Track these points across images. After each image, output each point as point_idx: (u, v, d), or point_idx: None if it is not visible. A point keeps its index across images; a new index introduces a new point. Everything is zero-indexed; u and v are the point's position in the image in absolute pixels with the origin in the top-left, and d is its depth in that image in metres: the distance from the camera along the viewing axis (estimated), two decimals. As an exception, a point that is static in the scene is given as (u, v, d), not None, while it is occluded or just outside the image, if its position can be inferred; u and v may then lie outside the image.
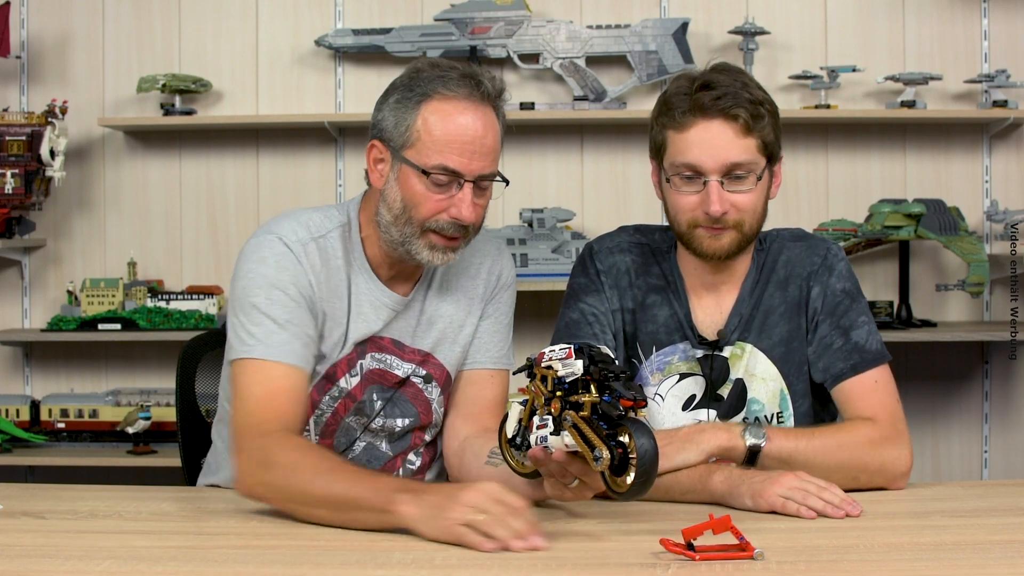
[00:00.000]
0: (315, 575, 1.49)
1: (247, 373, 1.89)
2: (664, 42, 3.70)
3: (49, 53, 3.86)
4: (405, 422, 2.04)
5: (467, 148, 1.88)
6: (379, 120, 1.94)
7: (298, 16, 3.85)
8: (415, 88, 1.90)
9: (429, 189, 1.89)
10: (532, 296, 3.70)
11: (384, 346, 2.01)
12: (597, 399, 1.57)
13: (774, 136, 1.97)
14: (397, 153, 1.91)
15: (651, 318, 2.07)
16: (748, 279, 2.07)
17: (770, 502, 1.75)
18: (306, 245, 1.95)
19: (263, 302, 1.91)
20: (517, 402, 1.67)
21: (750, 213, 1.98)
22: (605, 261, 2.10)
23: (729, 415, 2.05)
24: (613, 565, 1.50)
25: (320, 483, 1.70)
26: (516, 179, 3.83)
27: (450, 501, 1.58)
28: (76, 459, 3.64)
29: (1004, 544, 1.59)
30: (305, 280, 1.94)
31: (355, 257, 2.00)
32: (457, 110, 1.88)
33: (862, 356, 2.01)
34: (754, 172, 1.96)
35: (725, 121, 1.94)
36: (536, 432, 1.60)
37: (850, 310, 2.04)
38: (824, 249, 2.08)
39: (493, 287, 2.10)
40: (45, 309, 3.89)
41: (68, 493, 1.96)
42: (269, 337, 1.89)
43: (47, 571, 1.49)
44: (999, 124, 3.69)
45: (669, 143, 1.98)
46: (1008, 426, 3.84)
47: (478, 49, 3.71)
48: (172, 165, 3.88)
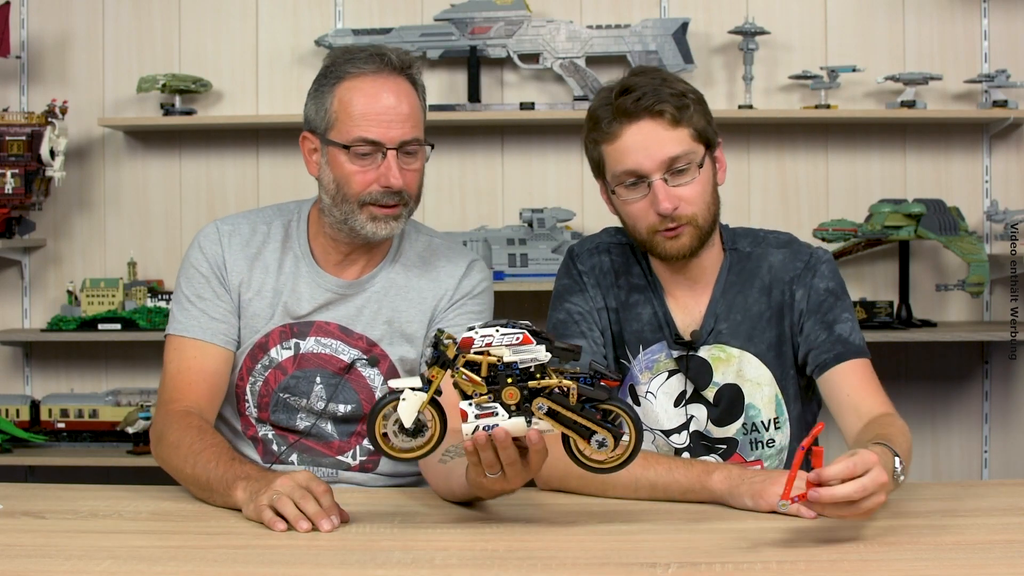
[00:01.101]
0: (315, 575, 1.49)
1: (167, 351, 2.09)
2: (664, 42, 3.70)
3: (49, 53, 3.86)
4: (348, 408, 2.10)
5: (383, 118, 1.99)
6: (306, 112, 2.08)
7: (298, 16, 3.85)
8: (329, 75, 2.04)
9: (355, 163, 2.01)
10: (532, 296, 3.70)
11: (330, 331, 2.09)
12: (573, 384, 1.59)
13: (705, 122, 1.99)
14: (323, 137, 2.03)
15: (635, 317, 2.09)
16: (720, 279, 2.07)
17: (770, 502, 1.75)
18: (238, 227, 2.13)
19: (183, 282, 2.11)
20: (411, 387, 1.62)
21: (700, 204, 1.99)
22: (587, 262, 2.12)
23: (725, 420, 2.05)
24: (613, 565, 1.51)
25: (189, 463, 1.87)
26: (516, 179, 3.86)
27: (264, 486, 1.71)
28: (76, 459, 3.64)
29: (1004, 544, 1.59)
30: (220, 258, 2.10)
31: (295, 243, 2.12)
32: (367, 84, 2.00)
33: (846, 347, 2.02)
34: (694, 162, 1.97)
35: (652, 119, 1.96)
36: (478, 421, 1.59)
37: (834, 307, 2.05)
38: (807, 254, 2.09)
39: (452, 296, 2.13)
40: (45, 309, 3.89)
41: (68, 493, 1.97)
42: (182, 314, 2.09)
43: (47, 571, 1.49)
44: (999, 124, 3.69)
45: (606, 156, 2.01)
46: (1008, 426, 3.84)
47: (478, 49, 3.70)
48: (172, 165, 3.88)
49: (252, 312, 2.10)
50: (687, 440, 2.08)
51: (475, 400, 1.60)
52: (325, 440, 2.11)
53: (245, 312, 2.10)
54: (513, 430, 1.60)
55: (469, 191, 3.84)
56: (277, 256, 2.11)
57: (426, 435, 1.64)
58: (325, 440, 2.11)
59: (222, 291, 2.09)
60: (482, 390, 1.59)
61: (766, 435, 2.07)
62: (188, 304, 2.09)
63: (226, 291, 2.09)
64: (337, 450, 2.11)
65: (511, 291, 3.67)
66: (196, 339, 2.07)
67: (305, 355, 2.09)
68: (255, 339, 2.10)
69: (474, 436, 1.61)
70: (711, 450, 2.07)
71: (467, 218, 3.83)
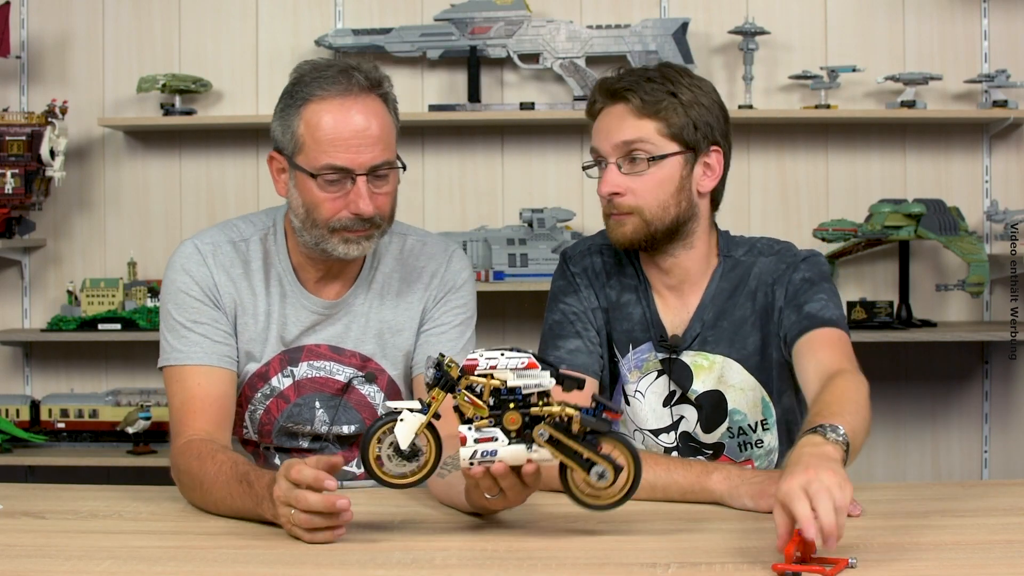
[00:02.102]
0: (315, 575, 1.49)
1: (168, 383, 1.99)
2: (664, 42, 3.70)
3: (49, 53, 3.86)
4: (351, 428, 2.06)
5: (352, 143, 1.89)
6: (273, 130, 1.97)
7: (298, 16, 3.85)
8: (296, 94, 1.93)
9: (324, 190, 1.91)
10: (532, 296, 3.70)
11: (321, 353, 2.04)
12: (576, 413, 1.56)
13: (691, 125, 1.98)
14: (291, 160, 1.94)
15: (626, 316, 2.09)
16: (712, 284, 2.07)
17: (770, 502, 1.75)
18: (219, 247, 2.03)
19: (173, 308, 2.00)
20: (408, 408, 1.58)
21: (648, 199, 1.98)
22: (579, 263, 2.13)
23: (710, 427, 2.06)
24: (613, 565, 1.50)
25: (212, 496, 1.78)
26: (516, 179, 3.86)
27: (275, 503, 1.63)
28: (76, 459, 3.64)
29: (1004, 544, 1.59)
30: (210, 280, 2.00)
31: (277, 260, 2.04)
32: (334, 108, 1.90)
33: (812, 320, 1.96)
34: (650, 154, 1.97)
35: (622, 103, 1.99)
36: (476, 446, 1.56)
37: (808, 291, 2.00)
38: (791, 256, 2.07)
39: (436, 292, 2.09)
40: (45, 309, 3.89)
41: (68, 493, 1.96)
42: (180, 342, 1.98)
43: (47, 571, 1.49)
44: (999, 124, 3.69)
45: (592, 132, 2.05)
46: (1008, 426, 3.84)
47: (478, 49, 3.70)
48: (172, 165, 3.88)
49: (248, 337, 2.02)
50: (675, 440, 2.08)
51: (475, 424, 1.56)
52: (329, 453, 2.07)
53: (241, 336, 2.03)
54: (512, 459, 1.57)
55: (469, 191, 3.84)
56: (262, 276, 2.03)
57: (420, 460, 1.59)
58: (329, 453, 2.07)
59: (218, 313, 2.00)
60: (484, 413, 1.56)
61: (754, 436, 2.07)
62: (185, 331, 1.98)
63: (222, 312, 2.00)
64: (342, 460, 2.07)
65: (511, 291, 3.67)
66: (201, 365, 1.96)
67: (301, 381, 2.04)
68: (255, 368, 2.03)
69: (471, 471, 1.58)
70: (699, 451, 2.07)
71: (467, 218, 3.83)
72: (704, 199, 2.05)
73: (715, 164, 2.03)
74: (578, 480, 1.60)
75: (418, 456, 1.59)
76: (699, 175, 2.02)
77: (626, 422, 2.10)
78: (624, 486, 1.59)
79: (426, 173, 3.83)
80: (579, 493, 1.61)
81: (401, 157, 1.97)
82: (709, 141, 2.01)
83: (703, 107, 2.00)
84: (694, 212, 2.03)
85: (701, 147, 2.00)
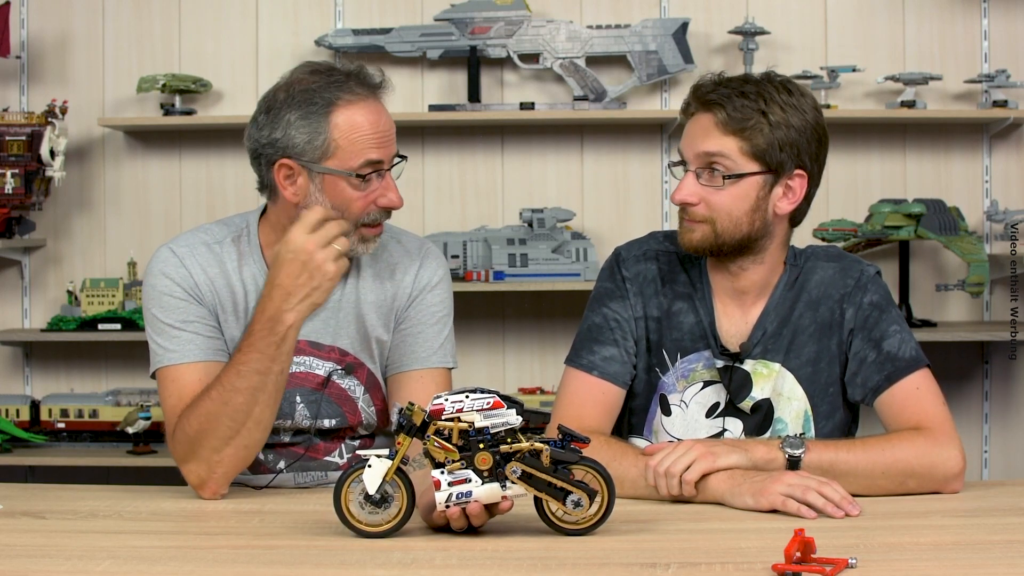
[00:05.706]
0: (315, 575, 1.49)
1: (162, 385, 2.01)
2: (664, 42, 3.70)
3: (49, 53, 3.86)
4: (332, 422, 2.08)
5: (382, 139, 1.99)
6: (280, 139, 1.99)
7: (298, 16, 3.85)
8: (316, 101, 1.98)
9: (359, 189, 1.98)
10: (532, 296, 3.70)
11: (301, 349, 2.05)
12: (545, 447, 1.59)
13: (777, 147, 1.95)
14: (316, 166, 1.97)
15: (676, 325, 2.06)
16: (776, 293, 2.05)
17: (771, 500, 1.75)
18: (194, 248, 2.06)
19: (159, 312, 2.02)
20: (377, 455, 1.60)
21: (721, 213, 1.97)
22: (632, 268, 2.10)
23: (754, 434, 2.03)
24: (613, 565, 1.51)
25: (234, 401, 1.89)
26: (516, 179, 3.86)
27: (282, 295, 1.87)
28: (76, 459, 3.63)
29: (1004, 544, 1.59)
30: (190, 279, 2.03)
31: (252, 261, 2.07)
32: (364, 109, 1.98)
33: (895, 365, 1.99)
34: (729, 170, 1.95)
35: (711, 114, 1.98)
36: (451, 488, 1.58)
37: (880, 321, 2.02)
38: (858, 271, 2.06)
39: (409, 292, 2.11)
40: (45, 309, 3.89)
41: (68, 493, 1.97)
42: (171, 343, 2.00)
43: (47, 571, 1.49)
44: (999, 124, 3.69)
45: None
46: (1008, 426, 3.84)
47: (478, 49, 3.70)
48: (172, 165, 3.88)
49: (229, 335, 2.04)
50: None
51: (448, 467, 1.59)
52: (313, 447, 2.09)
53: (223, 334, 2.05)
54: (487, 498, 1.59)
55: (469, 191, 3.84)
56: (238, 276, 2.06)
57: (392, 508, 1.61)
58: (313, 447, 2.09)
59: (204, 310, 2.02)
60: (455, 456, 1.58)
61: None
62: (176, 332, 2.00)
63: (207, 310, 2.03)
64: (323, 451, 2.09)
65: (511, 291, 3.67)
66: (197, 362, 1.99)
67: None
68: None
69: (448, 512, 1.60)
70: None
71: (467, 218, 3.83)
72: (781, 219, 2.01)
73: (797, 187, 1.99)
74: (554, 509, 1.62)
75: (388, 502, 1.61)
76: (778, 196, 1.98)
77: (658, 432, 2.07)
78: (600, 509, 1.63)
79: (426, 173, 3.83)
80: (557, 521, 1.63)
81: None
82: (794, 164, 1.97)
83: (792, 128, 1.95)
84: (768, 231, 2.00)
85: (784, 169, 1.97)
